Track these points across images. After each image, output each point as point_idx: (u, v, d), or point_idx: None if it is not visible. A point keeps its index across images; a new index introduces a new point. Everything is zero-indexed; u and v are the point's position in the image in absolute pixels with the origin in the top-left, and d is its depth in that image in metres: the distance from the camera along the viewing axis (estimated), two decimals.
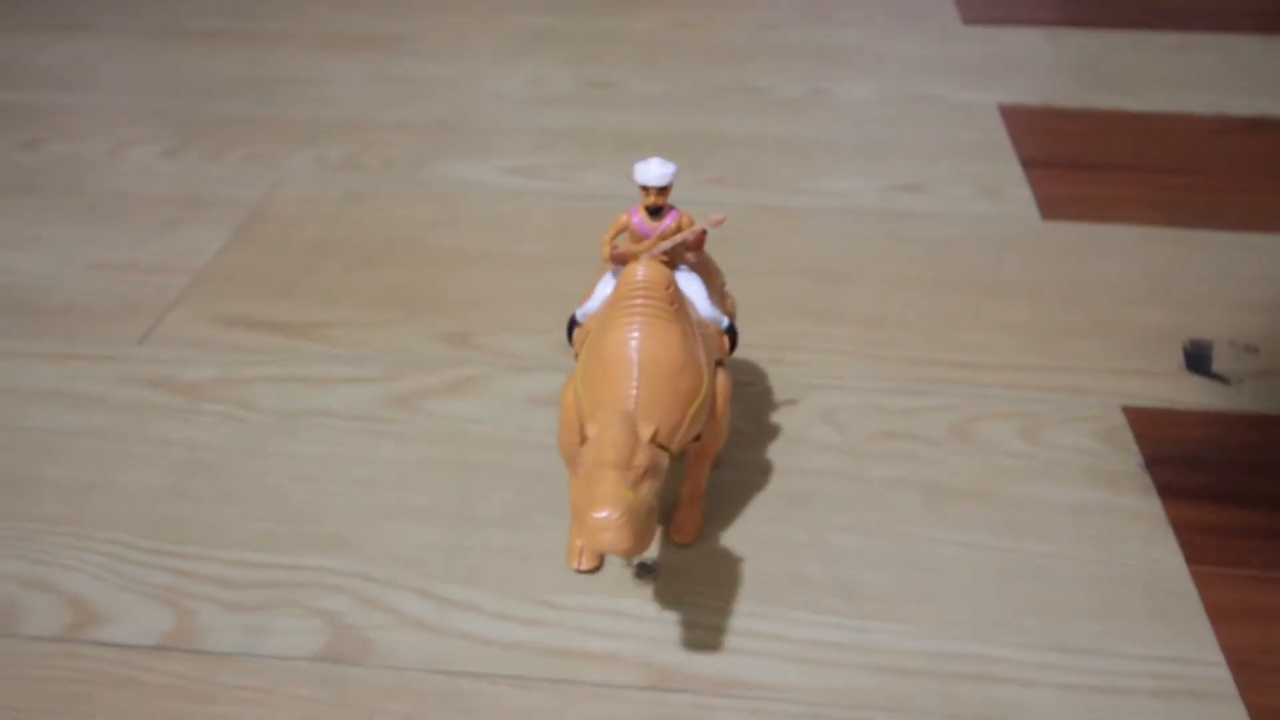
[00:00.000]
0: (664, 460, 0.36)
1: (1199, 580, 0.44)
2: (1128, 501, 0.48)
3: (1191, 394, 0.55)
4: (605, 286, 0.44)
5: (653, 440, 0.35)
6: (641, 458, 0.34)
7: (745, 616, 0.43)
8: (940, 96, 0.88)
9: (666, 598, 0.44)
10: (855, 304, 0.62)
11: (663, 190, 0.42)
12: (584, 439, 0.39)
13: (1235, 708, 0.39)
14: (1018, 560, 0.45)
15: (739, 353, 0.58)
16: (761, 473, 0.50)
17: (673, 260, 0.43)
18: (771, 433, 0.52)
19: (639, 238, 0.43)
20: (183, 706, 0.39)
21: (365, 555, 0.45)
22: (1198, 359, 0.57)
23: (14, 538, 0.46)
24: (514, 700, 0.39)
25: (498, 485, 0.49)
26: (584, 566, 0.44)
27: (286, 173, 0.76)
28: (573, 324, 0.45)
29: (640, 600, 0.43)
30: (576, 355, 0.43)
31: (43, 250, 0.67)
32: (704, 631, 0.42)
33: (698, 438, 0.42)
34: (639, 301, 0.39)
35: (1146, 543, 0.46)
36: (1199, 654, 0.41)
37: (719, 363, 0.43)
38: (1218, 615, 0.43)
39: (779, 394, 0.55)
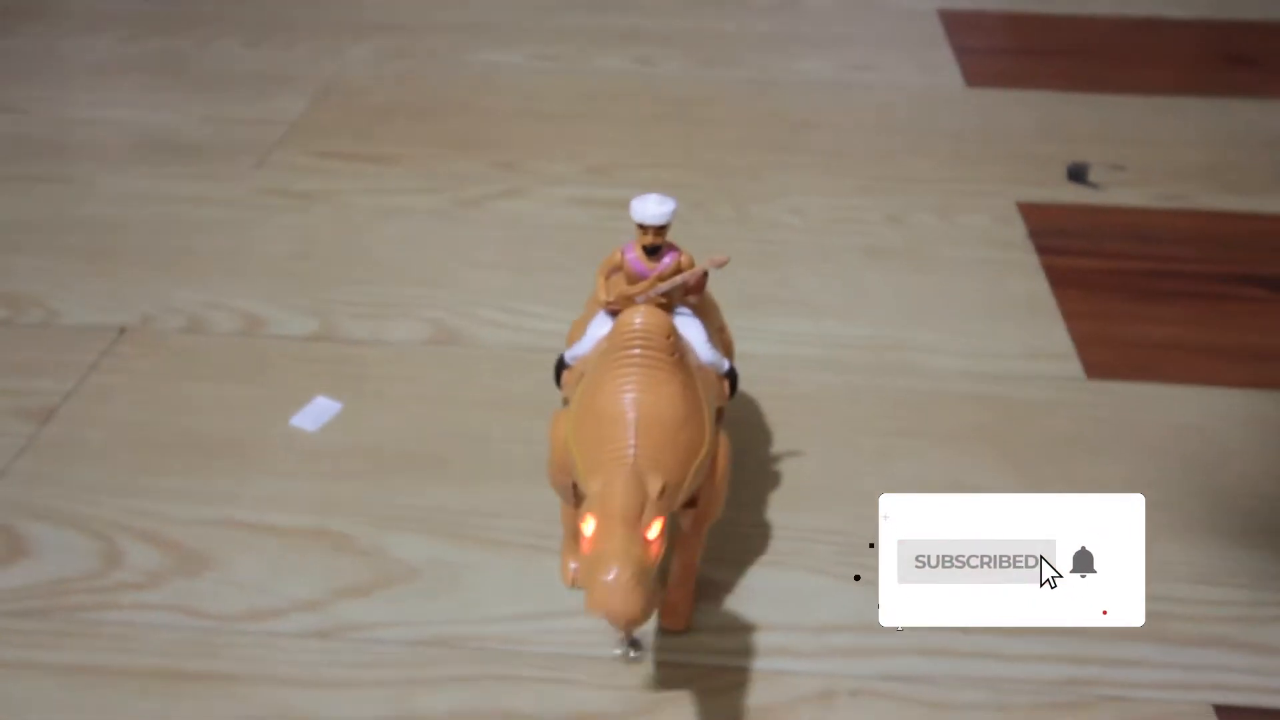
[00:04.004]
0: (666, 521, 0.34)
1: (1059, 297, 0.61)
2: (1014, 256, 0.65)
3: (1070, 195, 0.72)
4: (598, 328, 0.40)
5: (661, 496, 0.33)
6: (650, 514, 0.32)
7: (732, 316, 0.59)
8: (889, 4, 1.05)
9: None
10: (818, 143, 0.79)
11: (660, 229, 0.38)
12: (576, 493, 0.37)
13: (1074, 363, 0.56)
14: (931, 288, 0.62)
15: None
16: (742, 240, 0.67)
17: (671, 302, 0.40)
18: (750, 217, 0.69)
19: (635, 278, 0.39)
20: (338, 367, 0.55)
21: (454, 288, 0.62)
22: (1077, 172, 0.74)
23: (188, 279, 0.62)
24: None
25: (548, 248, 0.66)
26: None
27: (349, 58, 0.92)
28: (561, 365, 0.42)
29: None
30: (565, 400, 0.41)
31: (161, 108, 0.83)
32: None
33: (693, 503, 0.38)
34: (636, 351, 0.36)
35: (1024, 278, 0.63)
36: (1054, 335, 0.58)
37: (719, 410, 0.40)
38: (1068, 315, 0.60)
39: (756, 196, 0.72)
